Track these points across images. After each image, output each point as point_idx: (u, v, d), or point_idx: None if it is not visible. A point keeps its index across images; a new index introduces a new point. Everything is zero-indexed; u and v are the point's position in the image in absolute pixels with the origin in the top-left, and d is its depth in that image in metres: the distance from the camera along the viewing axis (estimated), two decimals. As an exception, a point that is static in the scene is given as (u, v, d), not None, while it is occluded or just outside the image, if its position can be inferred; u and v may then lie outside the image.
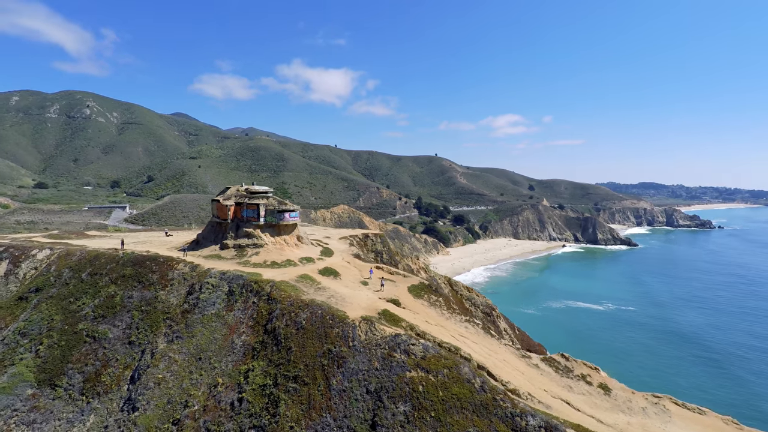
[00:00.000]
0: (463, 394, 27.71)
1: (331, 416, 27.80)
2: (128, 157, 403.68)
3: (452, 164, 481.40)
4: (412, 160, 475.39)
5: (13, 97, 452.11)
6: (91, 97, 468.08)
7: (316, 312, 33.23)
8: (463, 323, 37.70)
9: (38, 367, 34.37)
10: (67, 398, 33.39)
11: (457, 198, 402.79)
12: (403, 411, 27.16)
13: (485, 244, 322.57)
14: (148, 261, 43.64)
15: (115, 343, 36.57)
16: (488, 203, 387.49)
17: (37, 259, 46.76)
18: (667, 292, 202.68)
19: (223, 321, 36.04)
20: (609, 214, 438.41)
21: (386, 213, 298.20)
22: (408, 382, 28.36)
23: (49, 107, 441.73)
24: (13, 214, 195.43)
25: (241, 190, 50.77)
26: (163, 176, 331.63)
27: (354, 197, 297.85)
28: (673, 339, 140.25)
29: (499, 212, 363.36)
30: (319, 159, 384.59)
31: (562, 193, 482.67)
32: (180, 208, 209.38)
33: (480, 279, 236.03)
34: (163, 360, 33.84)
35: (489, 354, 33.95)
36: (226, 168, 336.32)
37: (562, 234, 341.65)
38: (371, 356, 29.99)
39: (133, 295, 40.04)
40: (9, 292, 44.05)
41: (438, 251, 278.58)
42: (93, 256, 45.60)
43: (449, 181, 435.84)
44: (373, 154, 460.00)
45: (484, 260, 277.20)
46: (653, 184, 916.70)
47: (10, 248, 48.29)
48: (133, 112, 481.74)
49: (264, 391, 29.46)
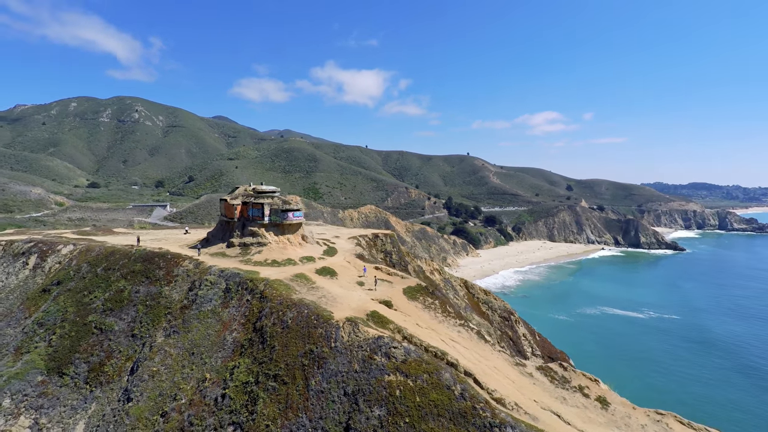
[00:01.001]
0: (442, 400, 26.77)
1: (307, 417, 27.71)
2: (172, 158, 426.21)
3: (485, 163, 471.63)
4: (443, 159, 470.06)
5: (71, 104, 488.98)
6: (140, 102, 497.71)
7: (302, 311, 33.31)
8: (456, 327, 36.52)
9: (49, 355, 36.74)
10: (72, 386, 35.44)
11: (489, 198, 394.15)
12: (378, 415, 26.61)
13: (518, 246, 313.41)
14: (156, 257, 45.60)
15: (119, 335, 38.43)
16: (522, 204, 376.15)
17: (62, 254, 50.10)
18: (713, 301, 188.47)
19: (218, 317, 36.93)
20: (654, 217, 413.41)
21: (414, 213, 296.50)
22: (385, 385, 27.76)
23: (102, 112, 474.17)
24: (66, 212, 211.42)
25: (249, 189, 51.99)
26: (203, 176, 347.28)
27: (382, 197, 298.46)
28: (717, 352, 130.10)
29: (533, 213, 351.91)
30: (349, 160, 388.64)
31: (602, 193, 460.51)
32: (215, 207, 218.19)
33: (510, 282, 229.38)
34: (159, 353, 35.13)
35: (479, 360, 32.65)
36: (262, 168, 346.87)
37: (602, 237, 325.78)
38: (352, 358, 29.63)
39: (140, 290, 41.93)
40: (35, 284, 47.45)
41: (467, 253, 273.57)
42: (109, 252, 48.25)
43: (481, 180, 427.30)
44: (403, 154, 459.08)
45: (516, 263, 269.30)
46: (705, 185, 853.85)
47: (39, 243, 52.09)
48: (177, 116, 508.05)
49: (246, 389, 29.85)
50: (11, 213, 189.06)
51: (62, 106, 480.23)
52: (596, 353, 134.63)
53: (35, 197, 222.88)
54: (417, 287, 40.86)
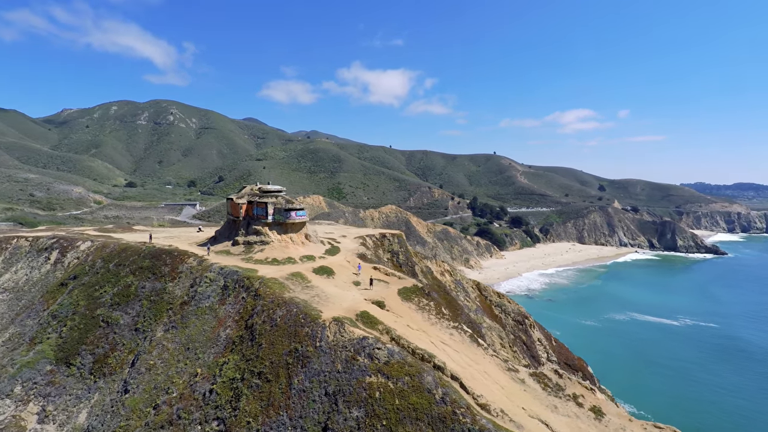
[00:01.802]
0: (421, 404, 26.19)
1: (288, 415, 27.79)
2: (204, 159, 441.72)
3: (512, 163, 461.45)
4: (469, 158, 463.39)
5: (112, 107, 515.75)
6: (174, 105, 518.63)
7: (291, 310, 33.49)
8: (449, 330, 35.70)
9: (58, 346, 38.71)
10: (78, 376, 37.16)
11: (516, 198, 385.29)
12: (356, 416, 26.34)
13: (545, 248, 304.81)
14: (163, 254, 47.16)
15: (124, 328, 39.97)
16: (551, 204, 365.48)
17: (80, 250, 52.74)
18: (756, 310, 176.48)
19: (215, 314, 37.73)
20: (693, 219, 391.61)
21: (437, 213, 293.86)
22: (366, 387, 27.45)
23: (140, 115, 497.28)
24: (103, 210, 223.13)
25: (255, 189, 52.93)
26: (232, 176, 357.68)
27: (404, 197, 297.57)
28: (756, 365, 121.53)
29: (562, 214, 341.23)
30: (373, 160, 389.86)
31: (637, 194, 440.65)
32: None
33: (535, 285, 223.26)
34: (157, 347, 36.27)
35: (469, 364, 31.77)
36: (288, 169, 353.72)
37: (635, 239, 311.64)
38: (335, 358, 29.50)
39: (146, 286, 43.48)
40: (55, 278, 50.17)
41: (491, 254, 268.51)
42: (122, 248, 50.36)
43: (508, 180, 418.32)
44: (427, 153, 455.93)
45: (542, 265, 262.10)
46: (752, 185, 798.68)
47: (61, 239, 55.10)
48: (209, 118, 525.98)
49: (232, 385, 30.30)
50: (54, 211, 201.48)
51: (104, 109, 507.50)
52: (624, 361, 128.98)
53: (76, 196, 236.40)
54: (413, 288, 40.28)
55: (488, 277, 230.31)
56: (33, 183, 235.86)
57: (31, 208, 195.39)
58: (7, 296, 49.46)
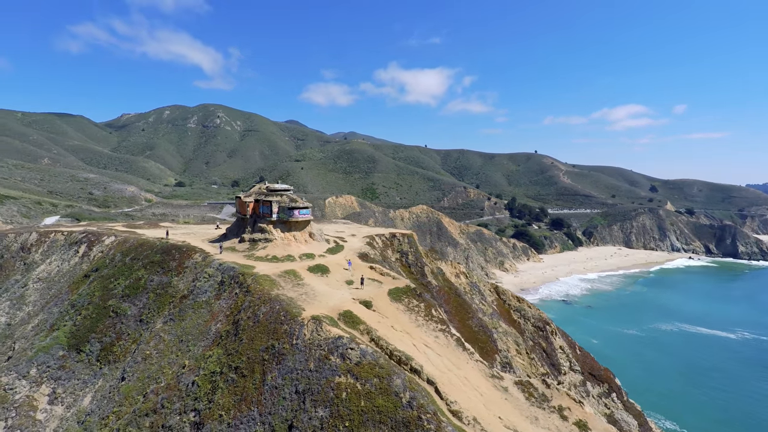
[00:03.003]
0: (387, 407, 25.44)
1: (258, 411, 27.98)
2: (247, 160, 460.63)
3: (554, 162, 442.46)
4: (508, 157, 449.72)
5: (165, 111, 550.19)
6: (221, 109, 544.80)
7: (274, 307, 33.77)
8: (435, 332, 34.47)
9: (72, 333, 41.53)
10: (86, 362, 39.67)
11: (558, 199, 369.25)
12: (320, 416, 26.03)
13: (588, 251, 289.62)
14: (173, 249, 49.35)
15: (130, 319, 42.21)
16: (595, 206, 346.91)
17: (105, 244, 56.44)
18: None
19: (210, 308, 38.86)
20: (760, 223, 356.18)
21: (472, 214, 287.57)
22: (334, 387, 27.07)
23: (190, 118, 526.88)
24: (152, 207, 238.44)
25: (263, 188, 54.12)
26: (272, 177, 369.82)
27: (438, 197, 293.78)
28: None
29: (608, 216, 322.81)
30: (408, 160, 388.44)
31: (694, 195, 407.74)
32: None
33: (575, 291, 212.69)
34: (154, 339, 37.92)
35: (449, 369, 30.51)
36: (324, 170, 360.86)
37: (689, 244, 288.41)
38: (309, 356, 29.35)
39: (154, 279, 45.68)
40: (81, 270, 53.99)
41: (528, 257, 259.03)
42: (140, 243, 53.30)
43: (550, 180, 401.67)
44: (463, 152, 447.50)
45: (584, 270, 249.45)
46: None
47: (89, 234, 59.29)
48: (252, 121, 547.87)
49: (211, 378, 30.99)
50: (108, 208, 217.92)
51: (158, 114, 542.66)
52: (667, 375, 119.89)
53: (129, 194, 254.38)
54: (405, 289, 39.36)
55: (524, 281, 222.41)
56: (92, 182, 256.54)
57: (88, 205, 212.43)
58: (40, 285, 53.87)
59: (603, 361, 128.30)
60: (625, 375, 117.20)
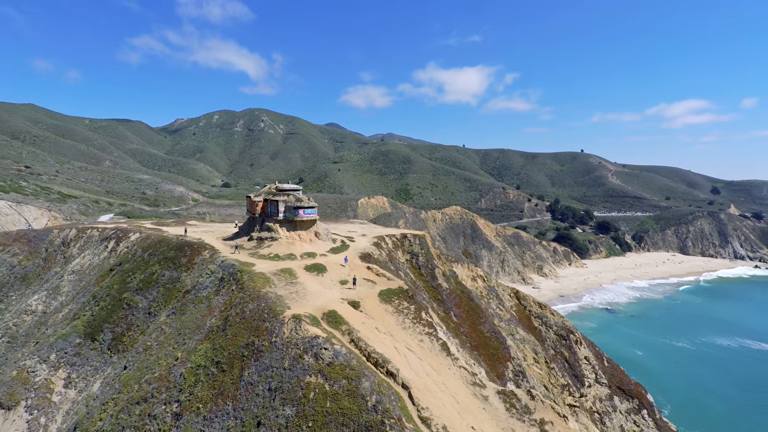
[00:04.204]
0: (351, 410, 24.92)
1: (233, 406, 28.39)
2: (289, 162, 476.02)
3: (602, 161, 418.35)
4: (551, 157, 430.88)
5: (214, 116, 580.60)
6: (265, 113, 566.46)
7: (261, 305, 34.21)
8: (420, 336, 33.35)
9: (89, 322, 44.53)
10: (99, 350, 42.35)
11: (606, 201, 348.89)
12: (287, 415, 25.94)
13: (637, 257, 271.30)
14: (186, 246, 51.61)
15: (140, 311, 44.57)
16: (647, 209, 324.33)
17: (130, 240, 60.19)
18: None
19: (208, 304, 40.13)
20: None
21: (510, 216, 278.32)
22: (303, 386, 26.90)
23: (236, 122, 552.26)
24: (197, 207, 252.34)
25: (272, 188, 55.30)
26: (311, 178, 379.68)
27: (475, 198, 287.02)
28: None
29: (661, 220, 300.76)
30: (444, 160, 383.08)
31: (764, 198, 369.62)
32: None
33: (621, 299, 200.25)
34: (156, 331, 39.74)
35: (428, 374, 29.37)
36: (360, 171, 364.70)
37: (755, 251, 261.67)
38: (285, 354, 29.40)
39: (165, 274, 47.97)
40: (108, 264, 57.92)
41: (570, 262, 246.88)
42: (159, 240, 56.29)
43: (597, 181, 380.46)
44: (503, 152, 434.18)
45: (631, 277, 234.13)
46: None
47: (118, 231, 63.52)
48: (294, 124, 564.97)
49: (196, 371, 31.89)
50: (158, 207, 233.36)
51: (207, 118, 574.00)
52: (720, 394, 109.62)
53: (177, 194, 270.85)
54: (397, 290, 38.50)
55: (564, 287, 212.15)
56: (145, 183, 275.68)
57: (140, 204, 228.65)
58: (74, 277, 58.37)
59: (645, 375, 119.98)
60: (668, 391, 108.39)
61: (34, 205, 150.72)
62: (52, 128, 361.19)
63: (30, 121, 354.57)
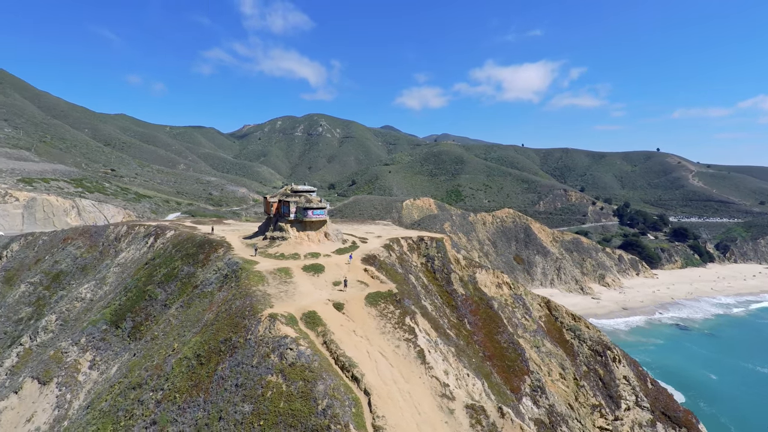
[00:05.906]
0: (302, 412, 24.64)
1: (204, 398, 29.35)
2: (344, 165, 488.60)
3: (681, 161, 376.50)
4: (621, 156, 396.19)
5: (277, 122, 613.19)
6: (323, 118, 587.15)
7: (245, 302, 35.10)
8: (398, 341, 31.95)
9: (115, 311, 48.84)
10: (121, 337, 46.25)
11: (685, 206, 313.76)
12: (244, 411, 26.25)
13: (720, 269, 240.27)
14: (206, 243, 54.71)
15: (158, 303, 47.97)
16: (736, 214, 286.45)
17: (166, 237, 65.25)
18: None
19: (211, 299, 42.10)
20: None
21: (572, 220, 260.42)
22: (263, 385, 27.09)
23: (297, 127, 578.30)
24: (255, 206, 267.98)
25: (288, 189, 56.78)
26: (363, 180, 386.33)
27: (533, 200, 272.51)
28: None
29: (753, 228, 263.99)
30: (500, 160, 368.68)
31: None
32: (358, 207, 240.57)
33: (697, 315, 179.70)
34: (164, 322, 42.47)
35: (395, 381, 28.07)
36: (411, 173, 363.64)
37: None
38: (255, 352, 29.83)
39: (184, 269, 51.20)
40: (146, 258, 63.26)
41: (638, 272, 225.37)
42: (188, 237, 60.33)
43: (675, 183, 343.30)
44: (567, 151, 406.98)
45: (711, 291, 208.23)
46: None
47: (158, 228, 69.15)
48: (350, 128, 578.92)
49: (182, 362, 33.50)
50: (221, 207, 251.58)
51: (271, 124, 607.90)
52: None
53: (240, 195, 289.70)
54: (386, 293, 37.39)
55: (628, 299, 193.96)
56: (212, 184, 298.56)
57: (205, 204, 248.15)
58: (118, 269, 64.55)
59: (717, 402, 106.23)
60: (743, 422, 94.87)
61: (113, 204, 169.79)
62: (138, 135, 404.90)
63: (120, 129, 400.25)
